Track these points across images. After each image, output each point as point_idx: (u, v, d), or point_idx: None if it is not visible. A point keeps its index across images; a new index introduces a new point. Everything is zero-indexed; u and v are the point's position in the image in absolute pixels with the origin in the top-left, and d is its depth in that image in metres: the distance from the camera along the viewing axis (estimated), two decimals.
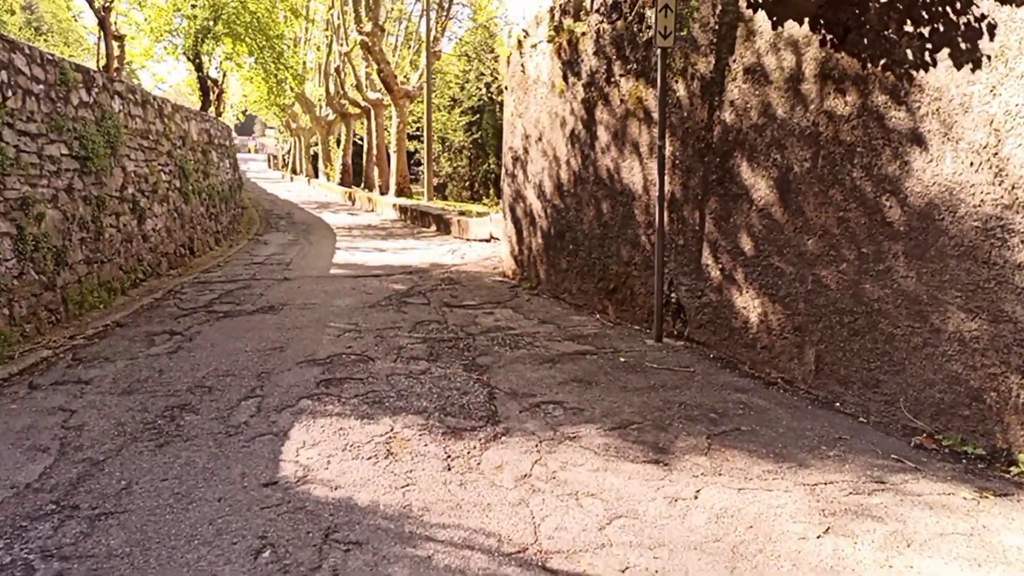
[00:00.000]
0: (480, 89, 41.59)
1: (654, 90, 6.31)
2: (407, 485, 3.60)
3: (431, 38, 21.95)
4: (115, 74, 11.19)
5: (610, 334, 6.54)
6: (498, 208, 16.06)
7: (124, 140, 9.55)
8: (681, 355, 5.75)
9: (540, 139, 8.52)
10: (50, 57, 7.61)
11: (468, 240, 14.21)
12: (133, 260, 9.63)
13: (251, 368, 5.63)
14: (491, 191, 60.79)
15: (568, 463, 3.82)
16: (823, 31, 4.61)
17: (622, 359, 5.66)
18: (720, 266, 5.58)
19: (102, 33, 15.85)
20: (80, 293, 7.91)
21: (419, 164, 41.15)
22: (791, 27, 4.83)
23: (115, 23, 16.69)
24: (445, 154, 53.85)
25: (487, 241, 13.12)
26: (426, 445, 4.10)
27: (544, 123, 8.40)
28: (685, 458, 3.82)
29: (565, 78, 7.85)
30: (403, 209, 20.24)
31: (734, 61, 5.39)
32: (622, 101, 6.81)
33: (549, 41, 8.17)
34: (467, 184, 56.60)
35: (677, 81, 6.02)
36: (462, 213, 17.51)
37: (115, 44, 16.28)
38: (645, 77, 6.45)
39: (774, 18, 4.94)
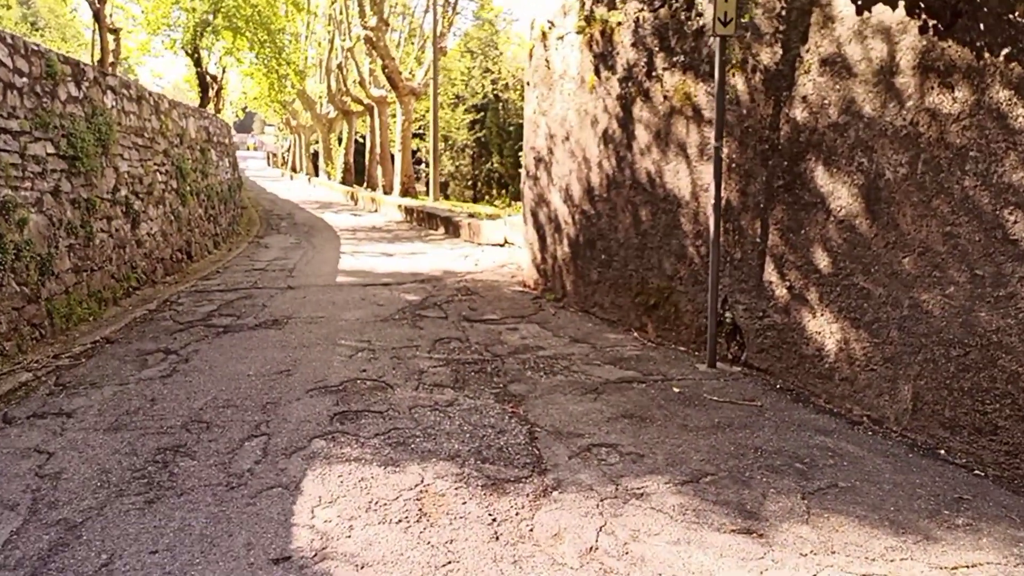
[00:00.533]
0: (485, 86, 40.95)
1: (705, 85, 5.66)
2: (449, 563, 2.95)
3: (437, 32, 21.28)
4: (110, 69, 10.53)
5: (654, 357, 5.89)
6: (512, 211, 15.39)
7: (117, 138, 8.88)
8: (742, 385, 5.10)
9: (567, 139, 7.87)
10: (35, 48, 6.94)
11: (480, 244, 13.55)
12: (126, 267, 8.97)
13: (255, 397, 4.98)
14: (494, 191, 60.31)
15: (641, 531, 3.17)
16: (923, 16, 3.96)
17: (676, 389, 5.01)
18: (787, 284, 4.93)
19: (97, 26, 15.19)
20: (68, 305, 7.25)
21: (420, 163, 40.55)
22: (881, 12, 4.19)
23: (110, 16, 16.02)
24: (447, 152, 53.31)
25: (501, 246, 12.47)
26: (464, 503, 3.46)
27: (572, 121, 7.75)
28: (782, 527, 3.17)
29: (597, 72, 7.20)
30: (409, 210, 19.59)
31: (807, 51, 4.74)
32: (666, 98, 6.16)
33: (579, 32, 7.51)
34: (469, 183, 56.05)
35: (734, 75, 5.37)
36: (472, 215, 16.86)
37: (111, 38, 15.61)
38: (694, 70, 5.80)
39: (859, 2, 4.29)
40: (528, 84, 8.96)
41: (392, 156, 26.98)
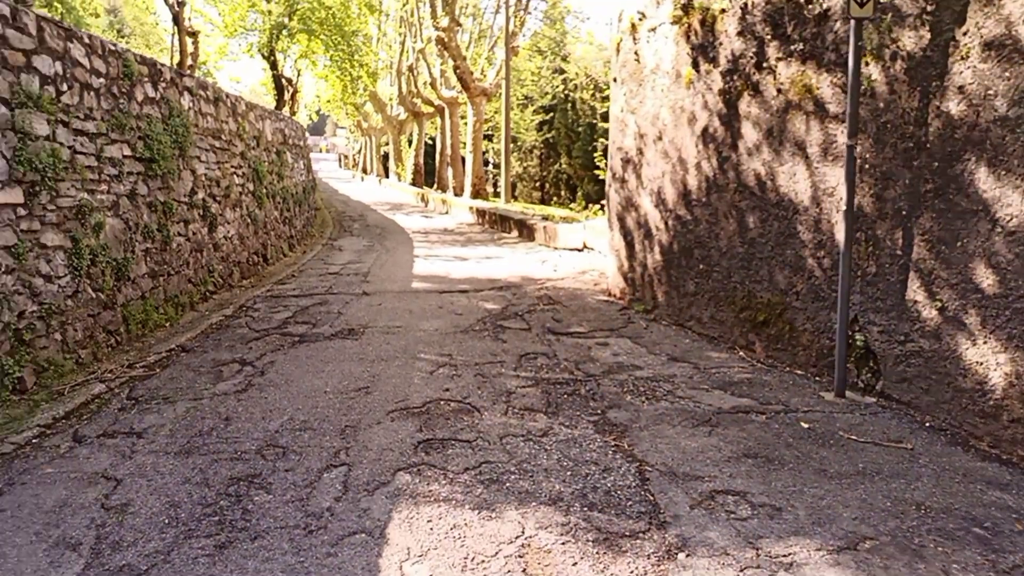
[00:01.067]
0: (555, 86, 40.44)
1: (830, 76, 5.01)
2: None
3: (509, 30, 20.89)
4: (188, 71, 10.48)
5: (768, 381, 5.26)
6: (589, 214, 14.84)
7: (194, 140, 8.75)
8: (882, 421, 4.43)
9: (659, 138, 7.29)
10: (112, 47, 6.80)
11: (556, 249, 13.05)
12: (203, 271, 8.84)
13: (333, 419, 4.60)
14: (562, 192, 59.72)
15: None
16: None
17: (803, 424, 4.39)
18: (938, 304, 4.25)
19: (176, 29, 15.36)
20: (144, 311, 7.09)
21: (487, 164, 40.29)
22: None
23: (189, 20, 16.20)
24: (515, 154, 52.94)
25: (579, 251, 11.94)
26: (575, 563, 2.96)
27: (665, 119, 7.16)
28: None
29: (695, 65, 6.60)
30: (480, 212, 19.25)
31: (965, 34, 4.06)
32: (780, 91, 5.52)
33: (674, 23, 6.92)
34: (537, 184, 55.65)
35: (867, 64, 4.71)
36: (546, 218, 16.38)
37: (189, 41, 15.78)
38: (816, 60, 5.15)
39: None
40: (615, 80, 8.40)
41: (462, 158, 26.77)
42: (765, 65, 5.69)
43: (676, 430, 4.34)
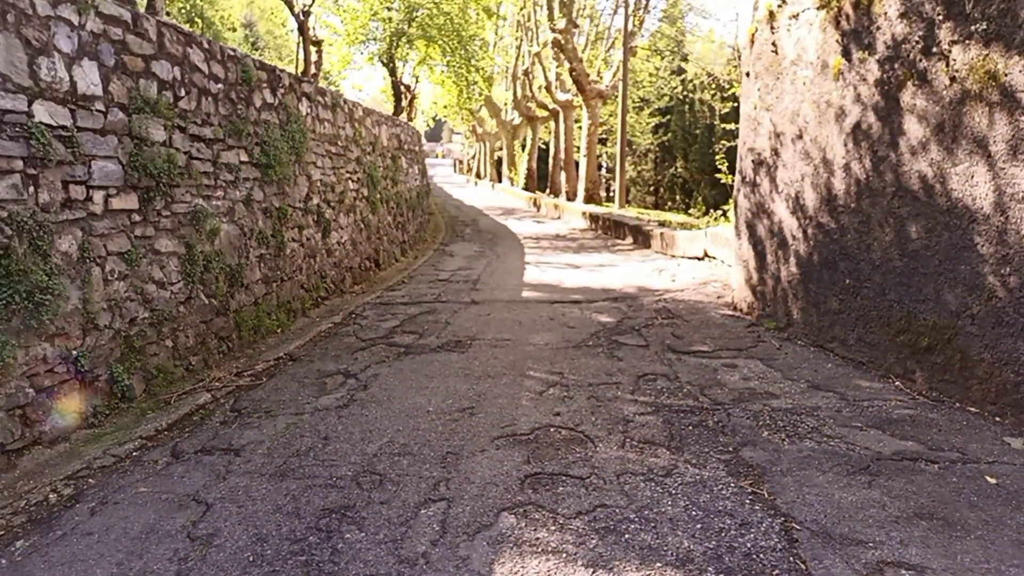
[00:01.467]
0: (674, 87, 39.29)
1: (1023, 59, 4.18)
2: None
3: (628, 30, 20.23)
4: (312, 79, 10.62)
5: (936, 420, 4.46)
6: (710, 220, 14.00)
7: (310, 146, 8.77)
8: None
9: (800, 137, 6.54)
10: (231, 53, 6.81)
11: (674, 257, 12.34)
12: (316, 277, 8.84)
13: (434, 443, 4.26)
14: (677, 196, 58.12)
15: None
16: None
17: (989, 478, 3.62)
18: None
19: (301, 39, 15.79)
20: (256, 316, 7.08)
21: (600, 168, 39.58)
22: None
23: (313, 29, 16.64)
24: (629, 158, 51.95)
25: (699, 259, 11.19)
26: None
27: (807, 116, 6.41)
28: None
29: (846, 54, 5.83)
30: (594, 218, 18.70)
31: None
32: (954, 79, 4.71)
33: (821, 7, 6.17)
34: (651, 189, 54.42)
35: None
36: (663, 224, 15.64)
37: (313, 50, 16.19)
38: (1003, 41, 4.33)
39: None
40: (747, 75, 7.68)
41: (576, 162, 26.31)
42: (935, 50, 4.89)
43: (827, 478, 3.69)
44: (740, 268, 7.83)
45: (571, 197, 25.40)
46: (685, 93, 42.94)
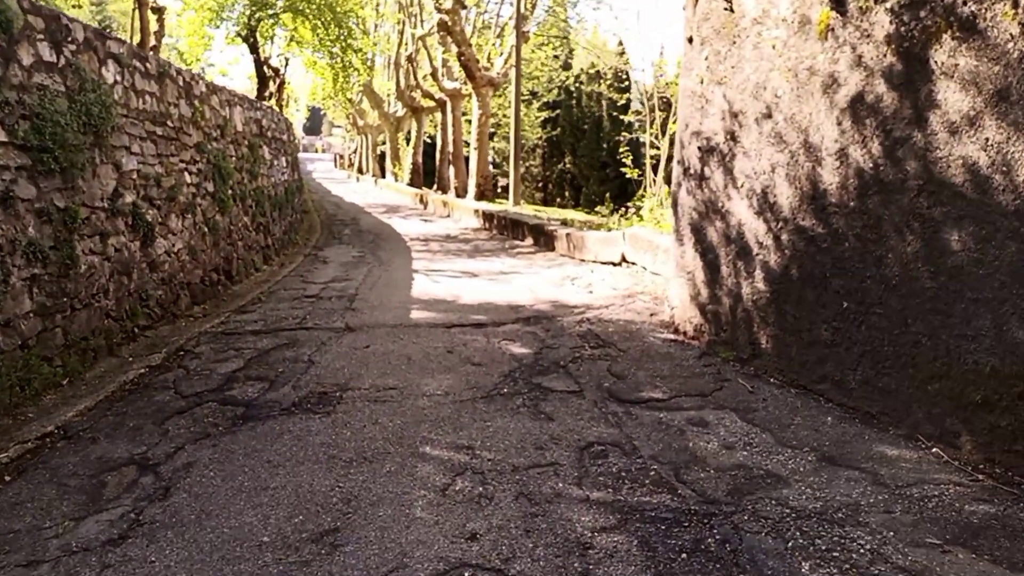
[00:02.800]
0: (566, 79, 38.33)
1: None
2: None
3: (520, 12, 18.67)
4: (151, 53, 8.29)
5: None
6: (624, 220, 12.61)
7: (120, 124, 6.54)
8: None
9: (768, 116, 5.08)
10: None
11: (584, 262, 10.84)
12: (132, 300, 6.61)
13: None
14: (566, 193, 57.66)
15: None
16: None
17: None
18: None
19: (137, 3, 13.14)
20: (22, 366, 4.86)
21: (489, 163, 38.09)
22: None
23: None
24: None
25: (616, 265, 9.72)
26: None
27: (779, 89, 4.95)
28: None
29: (839, 3, 4.39)
30: (487, 216, 17.02)
31: None
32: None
33: None
34: (539, 185, 53.63)
35: None
36: (565, 223, 14.17)
37: (153, 18, 13.56)
38: None
39: None
40: (690, 41, 6.18)
41: (465, 156, 24.60)
42: None
43: None
44: (683, 281, 6.33)
45: (460, 194, 23.64)
46: (577, 85, 42.19)
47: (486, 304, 7.88)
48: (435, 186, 28.45)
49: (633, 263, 9.31)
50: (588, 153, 53.04)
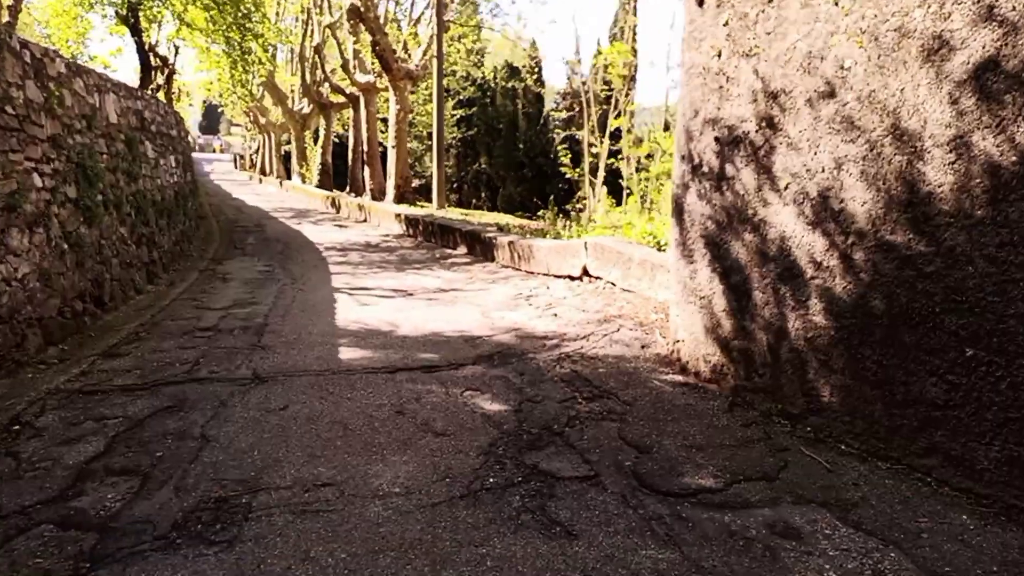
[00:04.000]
0: (485, 75, 36.99)
1: None
2: None
3: None
4: (5, 32, 6.30)
5: None
6: (576, 226, 11.28)
7: None
8: None
9: (827, 96, 3.82)
10: None
11: (532, 274, 9.46)
12: None
13: None
14: (482, 194, 56.46)
15: None
16: None
17: None
18: None
19: None
20: None
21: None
22: None
23: None
24: (429, 153, 49.35)
25: (575, 280, 8.38)
26: None
27: (845, 60, 3.70)
28: None
29: None
30: (411, 221, 15.39)
31: None
32: None
33: None
34: (453, 187, 52.09)
35: None
36: (503, 229, 12.77)
37: None
38: None
39: None
40: (699, 4, 4.86)
41: (382, 156, 22.82)
42: None
43: None
44: (693, 309, 5.01)
45: (377, 196, 21.84)
46: (497, 81, 40.96)
47: (433, 336, 6.35)
48: (347, 188, 26.48)
49: (598, 277, 7.99)
50: (504, 153, 51.94)
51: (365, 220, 19.51)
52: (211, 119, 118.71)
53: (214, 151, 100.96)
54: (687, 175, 5.02)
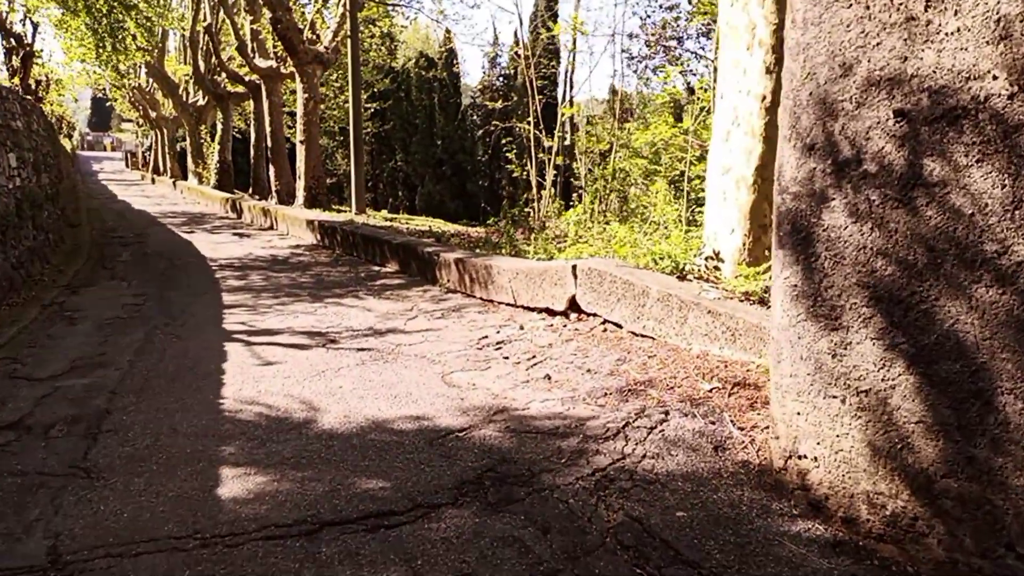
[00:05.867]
0: (405, 61, 34.41)
1: None
2: None
3: None
4: None
5: None
6: (541, 243, 9.11)
7: None
8: None
9: None
10: None
11: (492, 304, 7.28)
12: None
13: None
14: (400, 193, 53.71)
15: None
16: None
17: None
18: None
19: None
20: None
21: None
22: None
23: None
24: (342, 150, 46.67)
25: (557, 316, 6.24)
26: None
27: None
28: None
29: None
30: (327, 230, 12.88)
31: None
32: None
33: None
34: (369, 185, 49.06)
35: None
36: (440, 239, 10.52)
37: None
38: None
39: None
40: None
41: (290, 153, 20.04)
42: None
43: None
44: (843, 408, 2.89)
45: (285, 199, 19.08)
46: (412, 72, 38.46)
47: (375, 430, 4.06)
48: (251, 189, 23.47)
49: (592, 315, 5.88)
50: (422, 150, 49.31)
51: (271, 227, 16.77)
52: (101, 114, 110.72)
53: (105, 149, 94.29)
54: (818, 176, 2.93)
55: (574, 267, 5.97)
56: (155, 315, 7.53)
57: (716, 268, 5.59)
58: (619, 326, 5.56)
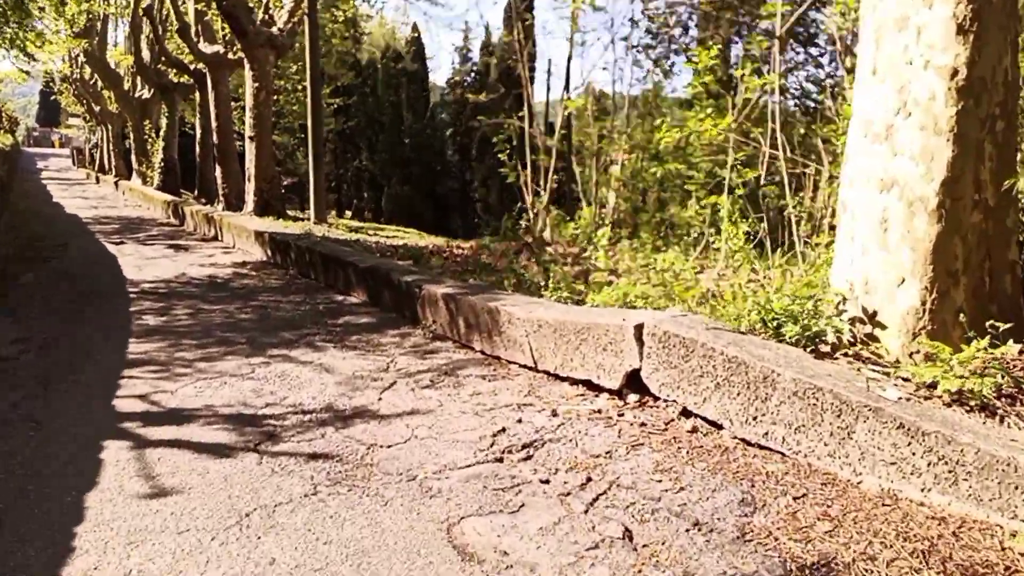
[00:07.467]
0: (374, 51, 32.20)
1: None
2: None
3: None
4: None
5: None
6: (565, 276, 7.09)
7: None
8: None
9: None
10: None
11: (500, 363, 5.27)
12: None
13: None
14: (365, 195, 51.28)
15: None
16: None
17: None
18: None
19: None
20: None
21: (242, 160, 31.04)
22: None
23: None
24: (301, 150, 44.09)
25: (604, 394, 4.24)
26: None
27: None
28: None
29: None
30: (280, 245, 10.70)
31: None
32: None
33: None
34: (332, 186, 46.59)
35: None
36: (419, 260, 8.46)
37: None
38: None
39: None
40: None
41: (239, 150, 17.74)
42: None
43: None
44: None
45: (233, 202, 16.78)
46: (378, 66, 36.36)
47: None
48: (197, 191, 21.08)
49: (663, 399, 3.89)
50: (388, 149, 46.96)
51: (215, 237, 14.49)
52: (49, 109, 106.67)
53: (52, 145, 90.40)
54: None
55: (639, 328, 3.97)
56: (27, 377, 5.36)
57: (870, 337, 3.66)
58: (717, 426, 3.59)
